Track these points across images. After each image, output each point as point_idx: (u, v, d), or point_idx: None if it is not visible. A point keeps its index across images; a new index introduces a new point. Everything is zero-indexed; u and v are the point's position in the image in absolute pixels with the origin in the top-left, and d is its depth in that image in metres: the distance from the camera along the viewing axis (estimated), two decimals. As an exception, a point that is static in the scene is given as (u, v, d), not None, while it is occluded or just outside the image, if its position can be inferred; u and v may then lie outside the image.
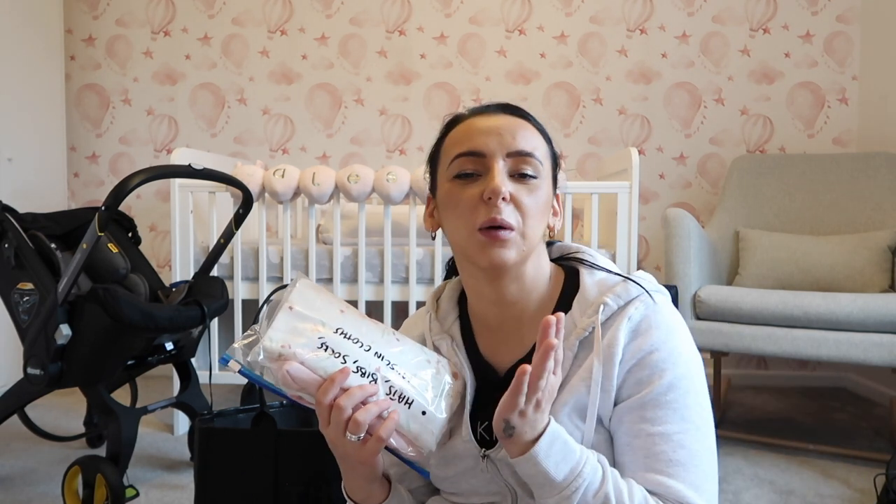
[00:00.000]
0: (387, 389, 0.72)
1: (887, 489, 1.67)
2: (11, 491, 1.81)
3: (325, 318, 0.73)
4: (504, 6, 3.10)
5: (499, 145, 0.77)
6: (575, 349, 0.76)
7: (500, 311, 0.82)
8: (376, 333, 0.75)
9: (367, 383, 0.71)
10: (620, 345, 0.74)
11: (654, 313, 0.77)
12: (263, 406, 1.13)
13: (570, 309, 0.79)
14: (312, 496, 1.11)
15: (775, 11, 3.04)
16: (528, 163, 0.77)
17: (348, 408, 0.69)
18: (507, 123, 0.79)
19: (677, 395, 0.73)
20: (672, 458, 0.71)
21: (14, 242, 1.70)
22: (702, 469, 0.72)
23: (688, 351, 0.76)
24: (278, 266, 2.35)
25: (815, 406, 2.68)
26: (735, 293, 2.09)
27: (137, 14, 3.15)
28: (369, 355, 0.72)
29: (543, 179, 0.78)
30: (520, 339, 0.82)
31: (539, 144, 0.79)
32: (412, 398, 0.73)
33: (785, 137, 3.06)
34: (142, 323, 1.64)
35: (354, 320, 0.75)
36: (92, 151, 3.18)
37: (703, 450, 0.73)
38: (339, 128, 3.15)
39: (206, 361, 2.35)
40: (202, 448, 1.14)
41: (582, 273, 0.83)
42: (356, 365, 0.71)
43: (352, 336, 0.73)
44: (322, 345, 0.71)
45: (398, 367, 0.73)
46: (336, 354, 0.71)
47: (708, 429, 0.75)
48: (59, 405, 2.57)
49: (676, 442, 0.72)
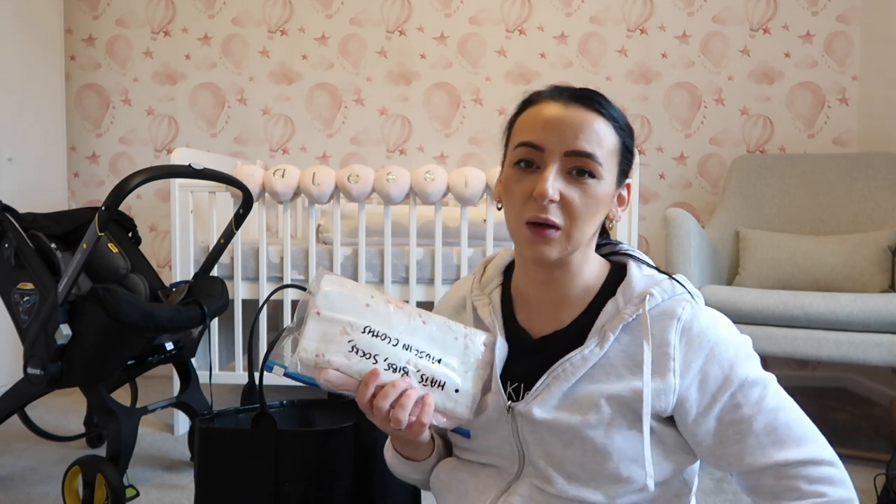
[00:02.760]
0: (419, 378, 0.78)
1: (887, 489, 1.67)
2: (11, 491, 1.81)
3: (352, 318, 0.77)
4: (504, 6, 3.10)
5: (559, 142, 0.78)
6: (617, 332, 0.80)
7: (541, 292, 0.86)
8: (402, 322, 0.79)
9: (399, 377, 0.77)
10: (672, 344, 0.78)
11: (700, 312, 0.81)
12: (263, 406, 1.13)
13: (613, 295, 0.83)
14: (312, 496, 1.11)
15: (775, 11, 3.04)
16: (586, 164, 0.78)
17: (385, 407, 0.76)
18: (574, 118, 0.79)
19: (753, 375, 0.78)
20: (775, 425, 0.77)
21: (14, 242, 1.70)
22: (803, 423, 0.79)
23: (738, 336, 0.82)
24: (278, 266, 2.35)
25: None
26: (735, 293, 2.09)
27: (137, 14, 3.15)
28: (398, 350, 0.77)
29: (603, 179, 0.79)
30: (557, 316, 0.85)
31: (606, 140, 0.79)
32: (443, 380, 0.79)
33: (785, 137, 3.06)
34: (142, 323, 1.64)
35: (380, 312, 0.79)
36: (92, 151, 3.18)
37: (791, 407, 0.79)
38: (339, 128, 3.15)
39: (206, 361, 2.35)
40: (202, 448, 1.14)
41: (630, 265, 0.86)
42: (387, 363, 0.77)
43: (379, 332, 0.78)
44: (353, 348, 0.76)
45: (427, 353, 0.79)
46: (367, 356, 0.77)
47: (781, 389, 0.80)
48: (59, 405, 2.57)
49: (770, 408, 0.77)
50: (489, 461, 0.87)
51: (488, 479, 0.86)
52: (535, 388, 0.81)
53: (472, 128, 3.13)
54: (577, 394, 0.79)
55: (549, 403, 0.80)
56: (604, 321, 0.81)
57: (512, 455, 0.84)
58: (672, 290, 0.82)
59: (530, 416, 0.80)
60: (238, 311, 2.34)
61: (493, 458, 0.86)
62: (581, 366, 0.79)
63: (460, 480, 0.88)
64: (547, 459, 0.81)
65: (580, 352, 0.80)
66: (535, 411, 0.80)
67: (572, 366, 0.80)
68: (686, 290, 0.83)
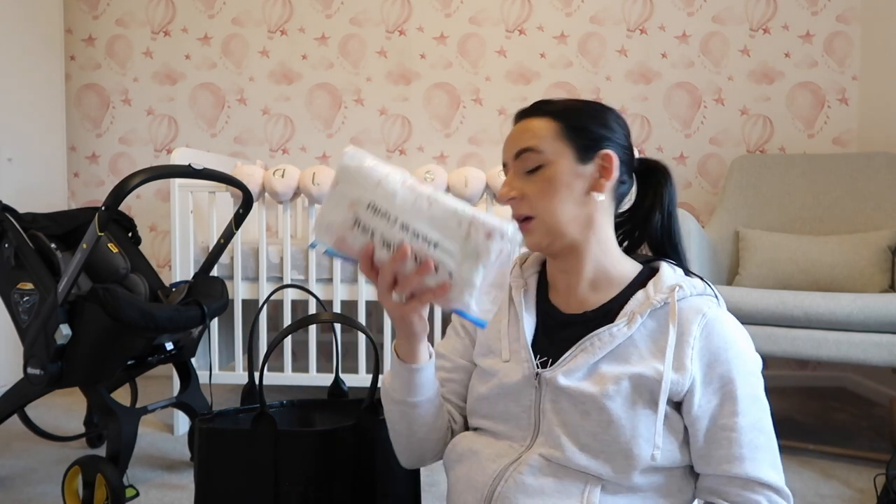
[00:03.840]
0: (413, 259, 0.79)
1: (887, 489, 1.67)
2: (11, 491, 1.81)
3: (361, 194, 0.80)
4: (504, 6, 3.10)
5: (509, 153, 0.92)
6: (645, 316, 0.86)
7: (567, 278, 0.94)
8: (407, 202, 0.79)
9: (395, 254, 0.79)
10: (693, 335, 0.84)
11: (724, 315, 0.87)
12: (263, 406, 1.12)
13: (643, 288, 0.90)
14: (312, 496, 1.11)
15: (775, 11, 3.04)
16: (528, 157, 0.89)
17: (385, 283, 0.80)
18: (517, 130, 0.93)
19: (751, 387, 0.84)
20: (757, 445, 0.83)
21: (14, 242, 1.70)
22: (774, 447, 0.85)
23: (748, 344, 0.87)
24: (278, 266, 2.35)
25: (815, 406, 2.68)
26: (735, 293, 2.09)
27: (137, 14, 3.15)
28: (394, 229, 0.79)
29: (551, 163, 0.89)
30: (586, 301, 0.93)
31: (542, 131, 0.90)
32: (437, 263, 0.79)
33: (785, 137, 3.06)
34: (142, 323, 1.64)
35: (389, 190, 0.79)
36: (92, 151, 3.18)
37: (771, 431, 0.85)
38: (339, 128, 3.16)
39: (206, 361, 2.35)
40: (202, 448, 1.14)
41: (663, 265, 0.93)
42: (383, 240, 0.79)
43: (380, 209, 0.79)
44: (355, 222, 0.80)
45: (424, 236, 0.79)
46: (365, 231, 0.80)
47: (769, 410, 0.87)
48: (59, 405, 2.57)
49: (759, 429, 0.83)
50: (505, 431, 0.91)
51: (501, 450, 0.89)
52: (563, 357, 0.88)
53: (472, 128, 3.13)
54: (601, 369, 0.85)
55: (574, 374, 0.86)
56: (633, 306, 0.88)
57: (528, 427, 0.89)
58: (703, 289, 0.90)
59: (555, 382, 0.86)
60: (238, 311, 2.34)
61: (511, 427, 0.90)
62: (609, 342, 0.86)
63: (474, 451, 0.92)
64: (562, 428, 0.86)
65: (609, 329, 0.86)
66: (560, 379, 0.86)
67: (600, 341, 0.86)
68: (714, 294, 0.91)
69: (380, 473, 1.15)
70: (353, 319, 1.21)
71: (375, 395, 1.21)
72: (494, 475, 0.86)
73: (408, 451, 0.99)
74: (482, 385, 0.94)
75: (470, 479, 0.89)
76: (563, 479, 0.83)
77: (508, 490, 0.84)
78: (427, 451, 0.98)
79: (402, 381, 0.91)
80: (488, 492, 0.86)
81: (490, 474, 0.87)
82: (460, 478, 0.92)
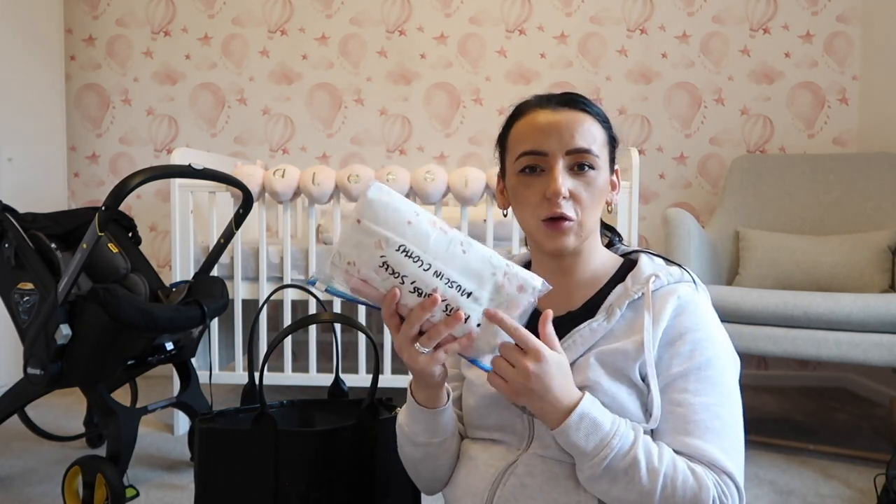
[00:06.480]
0: (443, 308, 0.76)
1: (887, 489, 1.67)
2: (11, 491, 1.81)
3: (390, 233, 0.75)
4: (504, 6, 3.10)
5: (558, 144, 0.87)
6: (623, 309, 0.87)
7: (556, 279, 0.90)
8: (441, 247, 0.76)
9: (425, 301, 0.75)
10: (667, 317, 0.84)
11: (699, 298, 0.88)
12: (263, 406, 1.12)
13: (622, 281, 0.90)
14: (312, 496, 1.11)
15: (775, 11, 3.04)
16: (586, 158, 0.87)
17: (412, 333, 0.77)
18: (567, 120, 0.87)
19: (715, 371, 0.83)
20: (708, 426, 0.80)
21: (14, 242, 1.70)
22: (732, 438, 0.81)
23: (723, 337, 0.87)
24: (278, 266, 2.35)
25: (815, 406, 2.68)
26: (735, 293, 2.09)
27: (137, 14, 3.15)
28: (427, 275, 0.75)
29: (600, 169, 0.88)
30: (569, 301, 0.92)
31: (597, 135, 0.89)
32: (468, 314, 0.76)
33: (785, 137, 3.06)
34: (142, 323, 1.64)
35: (420, 232, 0.76)
36: (92, 151, 3.18)
37: (734, 423, 0.82)
38: (339, 128, 3.16)
39: (206, 361, 2.35)
40: (202, 448, 1.14)
41: (642, 257, 0.93)
42: (413, 285, 0.75)
43: (413, 253, 0.75)
44: (383, 263, 0.75)
45: (458, 284, 0.76)
46: (395, 275, 0.75)
47: (739, 406, 0.84)
48: (59, 405, 2.57)
49: (713, 412, 0.81)
50: (500, 437, 0.90)
51: (497, 454, 0.89)
52: None
53: (472, 128, 3.13)
54: (584, 362, 0.85)
55: None
56: (612, 300, 0.88)
57: (522, 431, 0.88)
58: (680, 276, 0.90)
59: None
60: (238, 311, 2.34)
61: (505, 434, 0.90)
62: (590, 337, 0.86)
63: (471, 457, 0.92)
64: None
65: (589, 324, 0.87)
66: None
67: (581, 337, 0.86)
68: (693, 280, 0.90)
69: (380, 473, 1.15)
70: (353, 319, 1.22)
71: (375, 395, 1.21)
72: (493, 479, 0.86)
73: (434, 483, 0.97)
74: (471, 397, 0.94)
75: (468, 484, 0.90)
76: (562, 475, 0.83)
77: (508, 493, 0.84)
78: (449, 472, 0.97)
79: (425, 426, 0.90)
80: (488, 496, 0.86)
81: (489, 479, 0.87)
82: (458, 484, 0.92)
